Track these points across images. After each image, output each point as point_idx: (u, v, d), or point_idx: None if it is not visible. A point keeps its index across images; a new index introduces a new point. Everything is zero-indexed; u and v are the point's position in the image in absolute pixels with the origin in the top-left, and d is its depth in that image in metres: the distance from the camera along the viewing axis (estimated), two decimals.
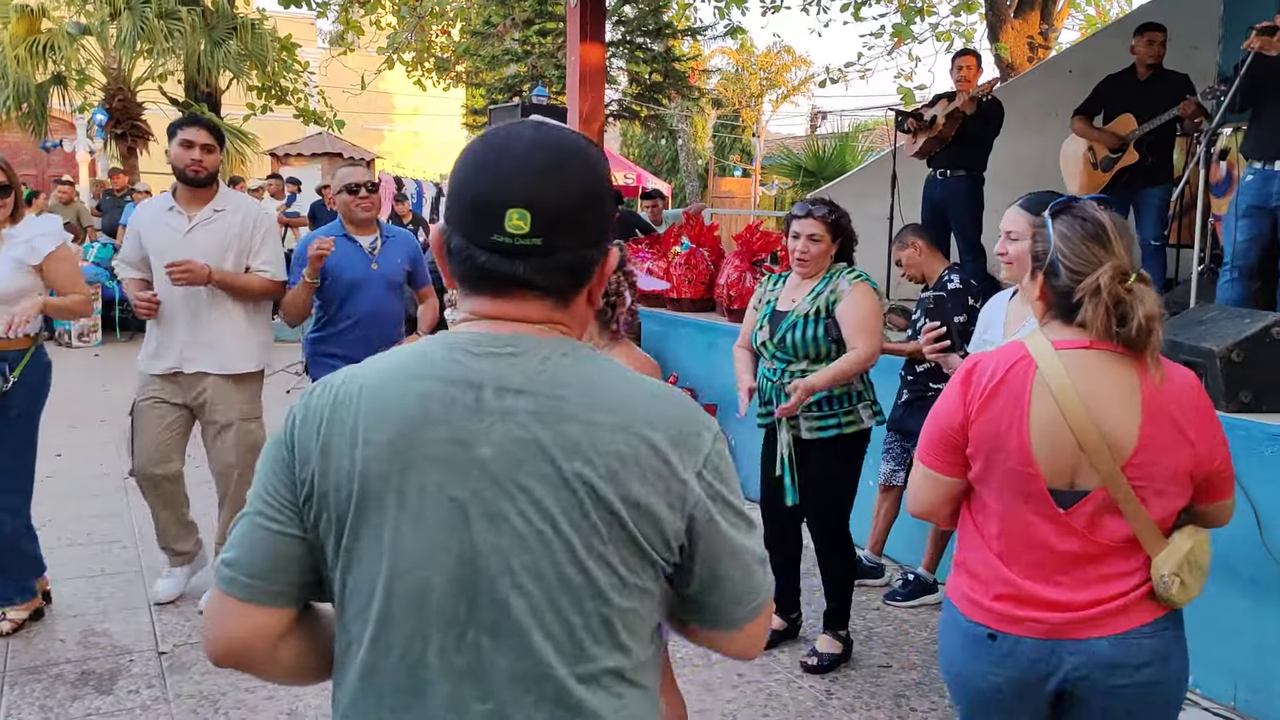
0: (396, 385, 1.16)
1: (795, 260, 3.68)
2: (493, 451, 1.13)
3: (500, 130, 1.19)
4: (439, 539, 1.14)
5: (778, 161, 22.71)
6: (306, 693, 3.53)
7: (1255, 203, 4.82)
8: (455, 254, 1.18)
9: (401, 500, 1.14)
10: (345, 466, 1.15)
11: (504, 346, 1.17)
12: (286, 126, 18.43)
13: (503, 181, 1.14)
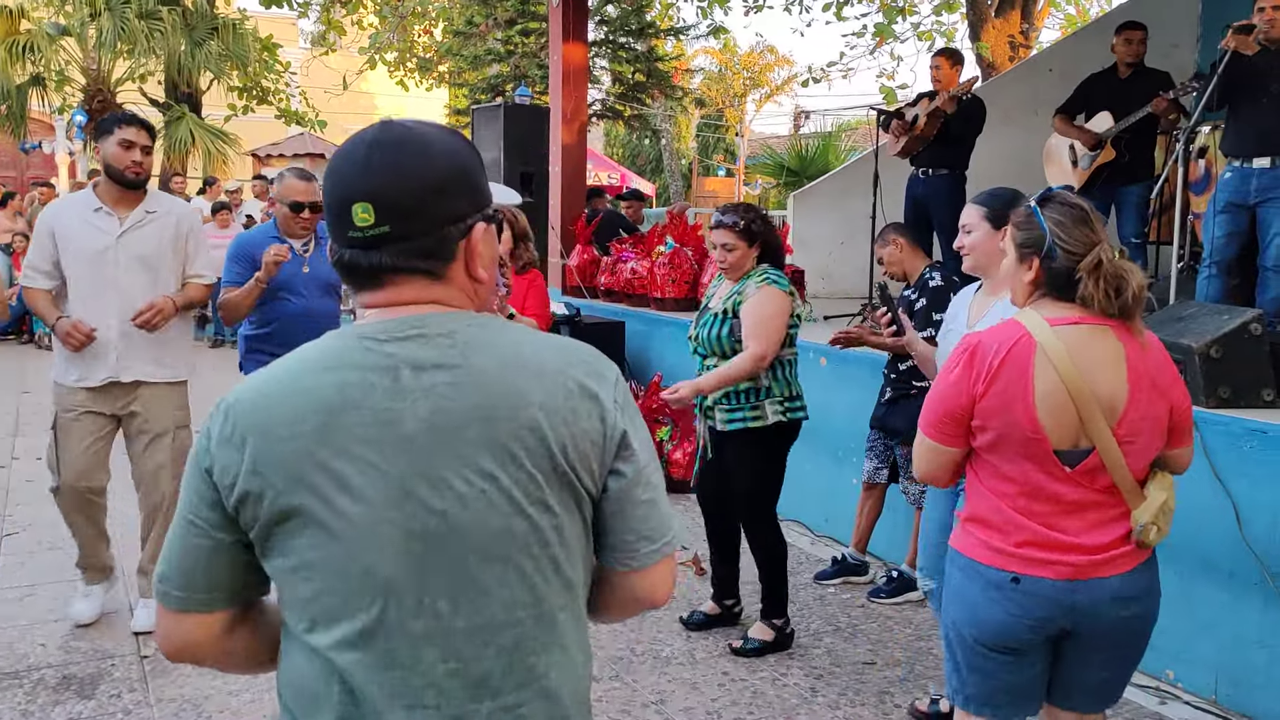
0: (311, 378, 1.21)
1: (717, 266, 3.98)
2: (420, 426, 1.19)
3: (350, 138, 1.28)
4: (383, 515, 1.18)
5: (761, 161, 22.76)
6: None
7: (1233, 200, 4.86)
8: (334, 258, 1.27)
9: (340, 485, 1.18)
10: (275, 463, 1.18)
11: (409, 329, 1.23)
12: (268, 127, 18.37)
13: (346, 182, 1.23)
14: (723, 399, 3.85)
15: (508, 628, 1.21)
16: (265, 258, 3.95)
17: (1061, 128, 6.16)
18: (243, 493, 1.19)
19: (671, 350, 6.81)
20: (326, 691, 1.21)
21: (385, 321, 1.24)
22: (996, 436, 2.15)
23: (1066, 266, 2.16)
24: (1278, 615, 3.31)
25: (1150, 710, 3.50)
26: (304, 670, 1.22)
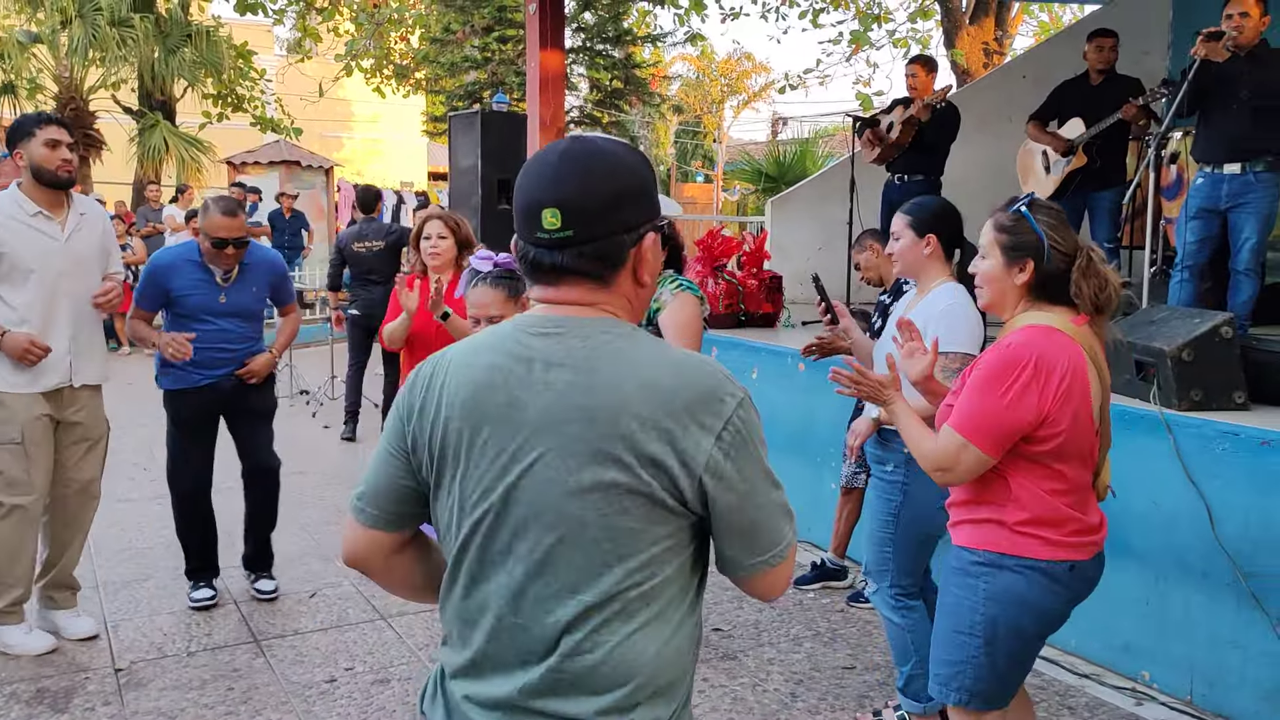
0: (475, 358, 1.42)
1: None
2: (536, 413, 1.36)
3: (544, 149, 1.43)
4: (489, 482, 1.38)
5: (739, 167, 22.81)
6: (266, 705, 3.49)
7: (1205, 205, 4.92)
8: (519, 253, 1.44)
9: (470, 449, 1.39)
10: (434, 421, 1.41)
11: (553, 327, 1.40)
12: (243, 135, 18.26)
13: (538, 188, 1.39)
14: None
15: (555, 601, 1.37)
16: (165, 351, 4.00)
17: (1034, 134, 6.21)
18: (412, 437, 1.43)
19: None
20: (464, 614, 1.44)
21: (539, 317, 1.42)
22: (1062, 442, 2.28)
23: (1059, 268, 2.30)
24: (1251, 615, 3.34)
25: (1126, 711, 3.53)
26: (454, 596, 1.45)
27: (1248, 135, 4.77)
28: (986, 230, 2.46)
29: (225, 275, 4.17)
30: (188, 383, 4.19)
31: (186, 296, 4.13)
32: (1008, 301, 2.39)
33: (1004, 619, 2.33)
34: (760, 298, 6.62)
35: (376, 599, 4.50)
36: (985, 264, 2.43)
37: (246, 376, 4.26)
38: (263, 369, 4.32)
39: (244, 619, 4.27)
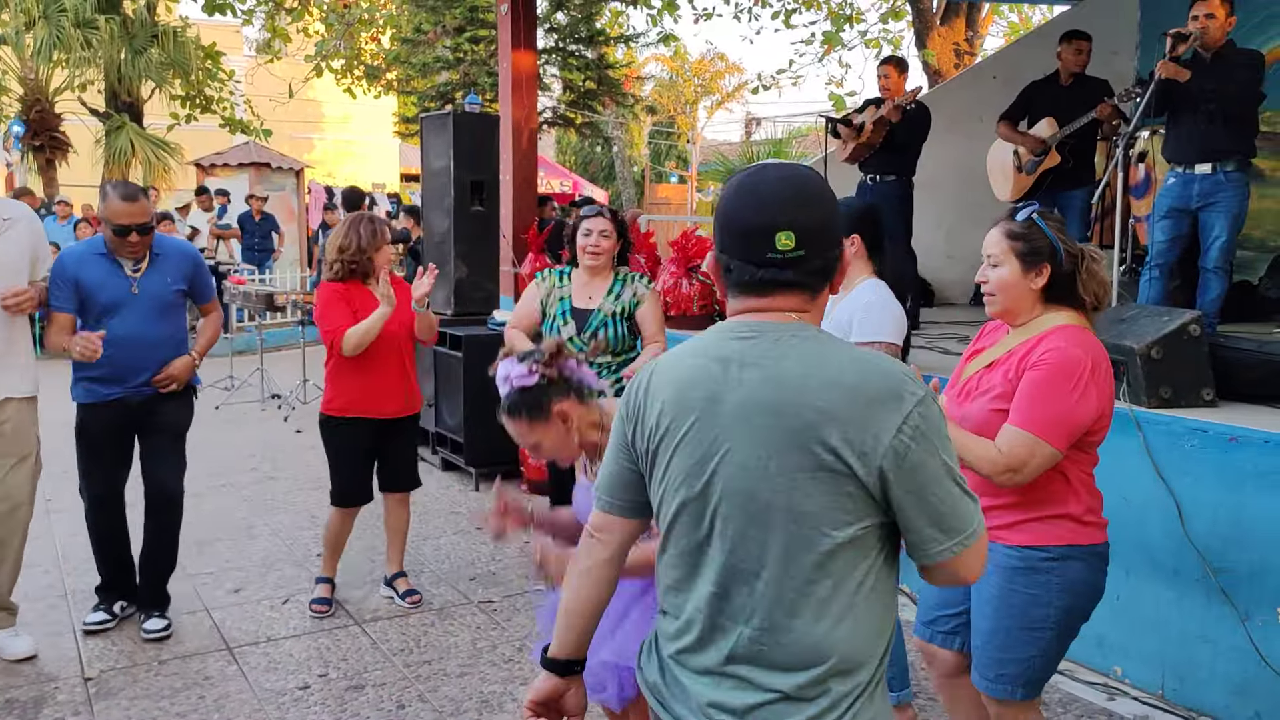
0: (682, 360, 1.60)
1: (588, 254, 4.21)
2: (731, 408, 1.52)
3: (748, 176, 1.59)
4: (691, 468, 1.55)
5: (713, 168, 22.89)
6: (239, 714, 3.45)
7: (1176, 205, 4.97)
8: (734, 272, 1.56)
9: (677, 439, 1.56)
10: (648, 417, 1.60)
11: (750, 332, 1.55)
12: (212, 136, 18.07)
13: (767, 212, 1.53)
14: (619, 393, 4.02)
15: (753, 576, 1.52)
16: (74, 352, 3.76)
17: (1005, 133, 6.26)
18: (641, 434, 1.62)
19: None
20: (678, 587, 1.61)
21: (739, 323, 1.57)
22: (1102, 433, 2.45)
23: (1067, 270, 2.44)
24: (1221, 610, 3.38)
25: (1099, 706, 3.56)
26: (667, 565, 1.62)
27: (1217, 136, 4.83)
28: (997, 240, 2.49)
29: (135, 266, 3.94)
30: (97, 397, 3.93)
31: (97, 289, 3.87)
32: (1023, 306, 2.48)
33: (1077, 607, 2.46)
34: None
35: (350, 604, 4.46)
36: (999, 271, 2.47)
37: (165, 383, 3.98)
38: (182, 373, 4.02)
39: (215, 626, 4.22)
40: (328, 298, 4.29)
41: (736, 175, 1.62)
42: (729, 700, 1.52)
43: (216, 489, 6.22)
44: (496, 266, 7.45)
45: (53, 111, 16.16)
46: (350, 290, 4.28)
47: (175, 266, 4.06)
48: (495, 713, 3.50)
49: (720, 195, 1.63)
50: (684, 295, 6.45)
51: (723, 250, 1.58)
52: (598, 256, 4.20)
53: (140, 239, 3.89)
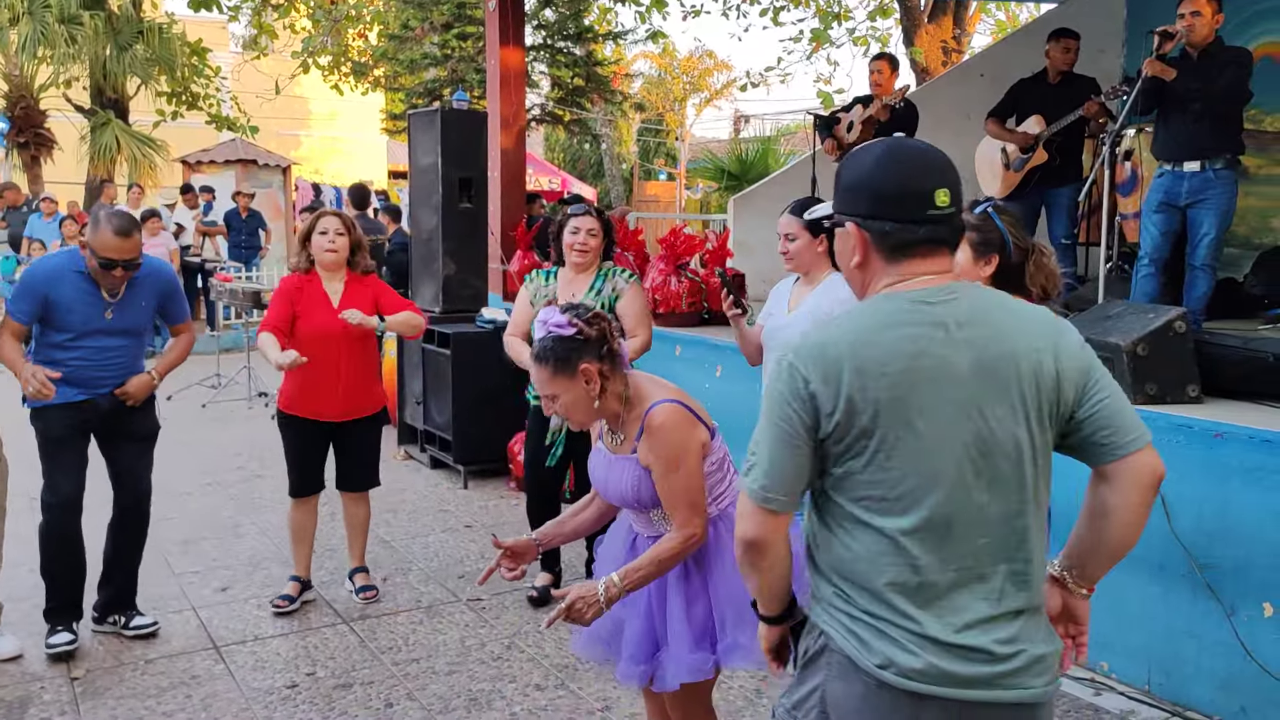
0: (879, 335, 1.64)
1: (576, 252, 4.26)
2: (968, 366, 1.63)
3: (887, 148, 1.71)
4: (951, 430, 1.62)
5: (702, 165, 22.85)
6: (226, 713, 3.44)
7: (1166, 200, 5.01)
8: (892, 234, 1.67)
9: (919, 410, 1.62)
10: (869, 394, 1.61)
11: (948, 295, 1.67)
12: (198, 133, 17.96)
13: (925, 173, 1.67)
14: None
15: (1018, 515, 1.66)
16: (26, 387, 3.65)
17: (994, 131, 6.27)
18: (840, 416, 1.62)
19: None
20: (889, 562, 1.63)
21: (926, 290, 1.67)
22: None
23: (1017, 261, 2.62)
24: (1206, 606, 3.39)
25: (1086, 701, 3.57)
26: (866, 549, 1.65)
27: (1205, 134, 4.85)
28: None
29: (113, 291, 3.82)
30: (61, 397, 3.76)
31: (69, 311, 3.74)
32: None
33: None
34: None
35: (338, 603, 4.45)
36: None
37: (124, 399, 3.90)
38: (140, 392, 3.92)
39: (203, 625, 4.20)
40: (276, 291, 4.35)
41: (867, 150, 1.73)
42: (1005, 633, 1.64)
43: (203, 487, 6.19)
44: (485, 264, 7.44)
45: (37, 108, 16.05)
46: (306, 285, 4.26)
47: (151, 289, 3.94)
48: (484, 710, 3.49)
49: (849, 169, 1.73)
50: (673, 292, 6.45)
51: (873, 217, 1.68)
52: (584, 255, 4.24)
53: (125, 274, 3.76)
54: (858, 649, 1.64)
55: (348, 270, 4.32)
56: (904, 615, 1.62)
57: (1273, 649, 3.23)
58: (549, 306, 2.43)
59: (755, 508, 1.68)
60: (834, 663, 1.67)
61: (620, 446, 2.47)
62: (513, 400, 6.33)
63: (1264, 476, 3.26)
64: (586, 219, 4.25)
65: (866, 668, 1.62)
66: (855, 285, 1.78)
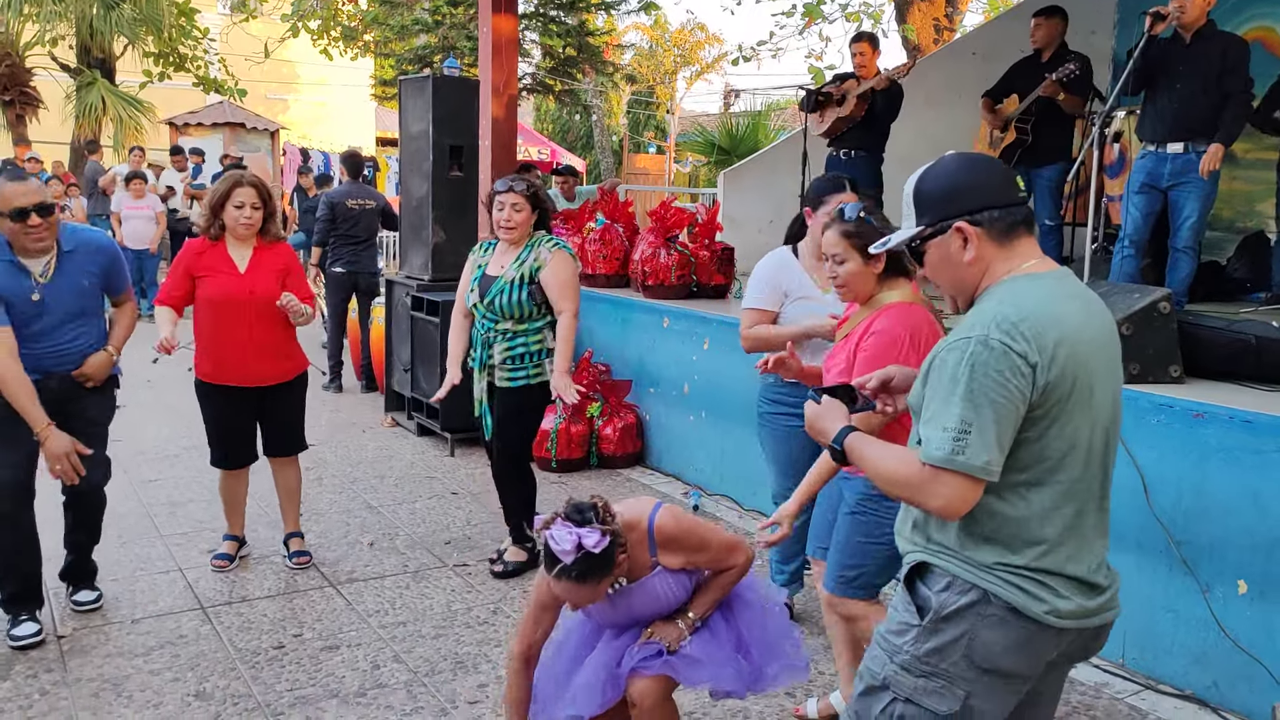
0: (1064, 305, 1.85)
1: (503, 229, 4.25)
2: (1104, 335, 1.91)
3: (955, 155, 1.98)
4: (1106, 393, 1.88)
5: (692, 139, 22.77)
6: (214, 672, 3.46)
7: (1148, 181, 5.03)
8: (1000, 219, 1.89)
9: (1095, 376, 1.84)
10: (1068, 360, 1.79)
11: (1066, 273, 1.95)
12: (186, 95, 17.80)
13: (999, 166, 1.98)
14: (508, 359, 4.27)
15: (1112, 462, 1.94)
16: None
17: (983, 111, 6.29)
18: (1048, 380, 1.78)
19: (603, 327, 6.81)
20: (1054, 519, 1.84)
21: (1056, 270, 1.92)
22: None
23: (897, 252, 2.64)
24: (1183, 582, 3.46)
25: None
26: (1035, 510, 1.83)
27: (1191, 115, 4.87)
28: (837, 240, 2.88)
29: (44, 269, 3.61)
30: None
31: (4, 298, 3.52)
32: (867, 289, 2.89)
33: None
34: (712, 269, 6.64)
35: (325, 566, 4.48)
36: (846, 266, 2.87)
37: (83, 381, 3.75)
38: (99, 371, 3.77)
39: (190, 586, 4.22)
40: (176, 257, 4.29)
41: (940, 163, 1.95)
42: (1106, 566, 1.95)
43: (188, 450, 6.19)
44: (475, 232, 7.41)
45: (23, 66, 15.86)
46: (209, 250, 4.18)
47: (90, 264, 3.75)
48: (469, 673, 3.53)
49: (935, 181, 1.93)
50: (662, 265, 6.46)
51: (980, 209, 1.88)
52: (512, 230, 4.24)
53: (43, 219, 3.52)
54: (1025, 600, 1.83)
55: (258, 238, 4.22)
56: (1060, 564, 1.85)
57: (1245, 625, 3.30)
58: (560, 526, 2.42)
59: (970, 481, 1.78)
60: (988, 614, 1.84)
61: (631, 575, 2.61)
62: None
63: (1242, 457, 3.31)
64: (510, 195, 4.23)
65: (1034, 614, 1.83)
66: (966, 285, 1.93)
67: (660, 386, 6.26)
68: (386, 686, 3.42)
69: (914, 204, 1.96)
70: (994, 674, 1.85)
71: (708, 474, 5.86)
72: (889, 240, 2.08)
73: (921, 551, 1.93)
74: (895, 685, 1.90)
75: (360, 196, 8.21)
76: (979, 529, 1.85)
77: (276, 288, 4.17)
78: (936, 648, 1.86)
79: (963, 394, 1.76)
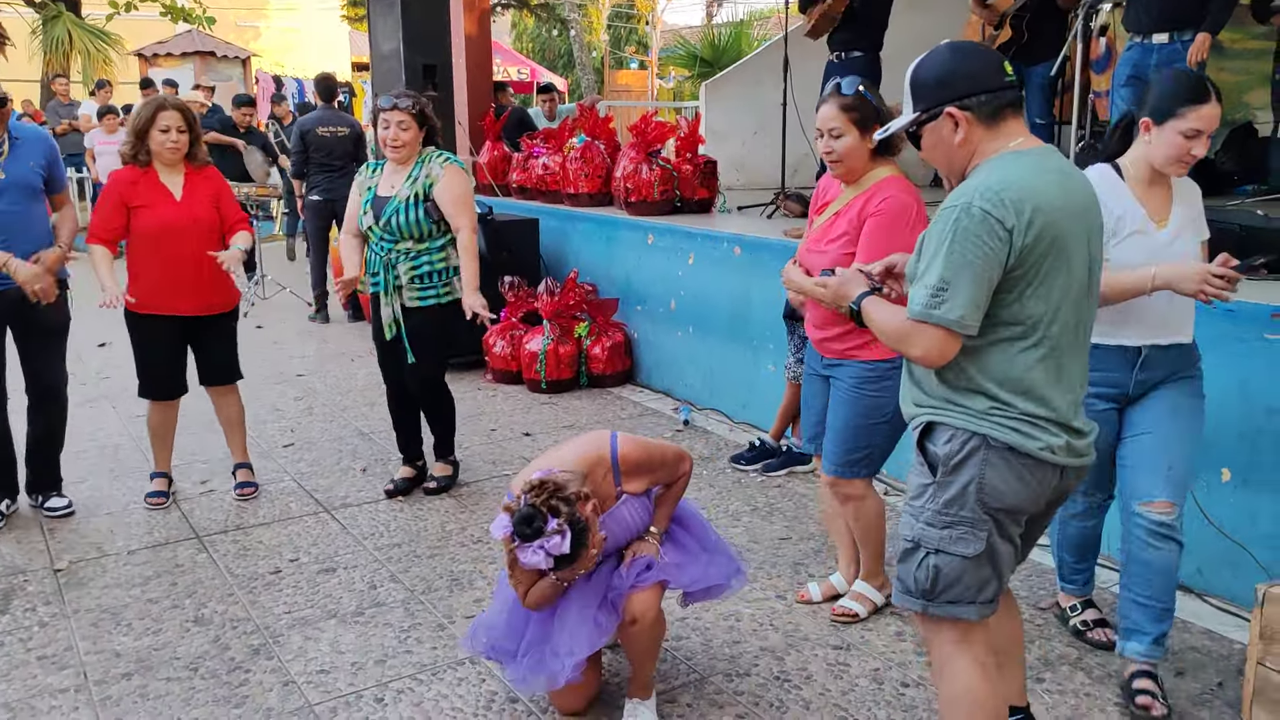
0: (1043, 178, 1.99)
1: (389, 148, 4.15)
2: (1081, 204, 2.05)
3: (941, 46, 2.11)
4: (1081, 257, 2.02)
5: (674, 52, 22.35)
6: (211, 598, 3.50)
7: (1135, 74, 4.96)
8: (985, 104, 2.03)
9: (1073, 242, 2.00)
10: (1048, 231, 1.95)
11: (1050, 150, 2.09)
12: (154, 25, 17.35)
13: (989, 53, 2.12)
14: (415, 279, 4.19)
15: (1091, 319, 2.11)
16: None
17: (972, 6, 6.15)
18: (1024, 244, 1.93)
19: (588, 246, 6.76)
20: (1043, 368, 2.02)
21: (1039, 147, 2.06)
22: None
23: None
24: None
25: (1048, 566, 3.68)
26: (1027, 360, 2.00)
27: (1176, 5, 4.78)
28: (834, 114, 2.97)
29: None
30: None
31: None
32: (861, 164, 2.99)
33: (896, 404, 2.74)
34: (695, 183, 6.56)
35: (319, 493, 4.50)
36: (843, 140, 2.96)
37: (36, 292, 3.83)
38: (53, 264, 3.90)
39: (184, 516, 4.25)
40: (105, 188, 4.20)
41: (935, 52, 2.09)
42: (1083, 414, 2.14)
43: None
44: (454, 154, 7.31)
45: None
46: (141, 179, 4.09)
47: (35, 150, 3.98)
48: (465, 589, 3.58)
49: (929, 69, 2.07)
50: (644, 181, 6.38)
51: (969, 94, 2.02)
52: (399, 149, 4.13)
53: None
54: (1020, 440, 2.02)
55: (186, 163, 4.15)
56: (1051, 409, 2.03)
57: (1228, 512, 3.34)
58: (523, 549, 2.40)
59: (946, 334, 1.97)
60: (990, 457, 2.02)
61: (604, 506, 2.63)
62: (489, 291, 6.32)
63: (1228, 345, 3.31)
64: (395, 113, 4.10)
65: (1030, 451, 2.02)
66: (957, 164, 2.09)
67: (647, 304, 6.24)
68: (384, 605, 3.46)
69: (910, 91, 2.11)
70: (1005, 512, 2.06)
71: (697, 389, 5.87)
72: (890, 127, 2.25)
73: (926, 412, 2.11)
74: (925, 540, 2.10)
75: (333, 123, 8.03)
76: (969, 382, 2.04)
77: (214, 213, 4.17)
78: (952, 498, 2.06)
79: (944, 255, 1.94)
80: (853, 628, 3.29)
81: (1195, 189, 2.88)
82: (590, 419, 5.64)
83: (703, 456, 4.96)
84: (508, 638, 2.74)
